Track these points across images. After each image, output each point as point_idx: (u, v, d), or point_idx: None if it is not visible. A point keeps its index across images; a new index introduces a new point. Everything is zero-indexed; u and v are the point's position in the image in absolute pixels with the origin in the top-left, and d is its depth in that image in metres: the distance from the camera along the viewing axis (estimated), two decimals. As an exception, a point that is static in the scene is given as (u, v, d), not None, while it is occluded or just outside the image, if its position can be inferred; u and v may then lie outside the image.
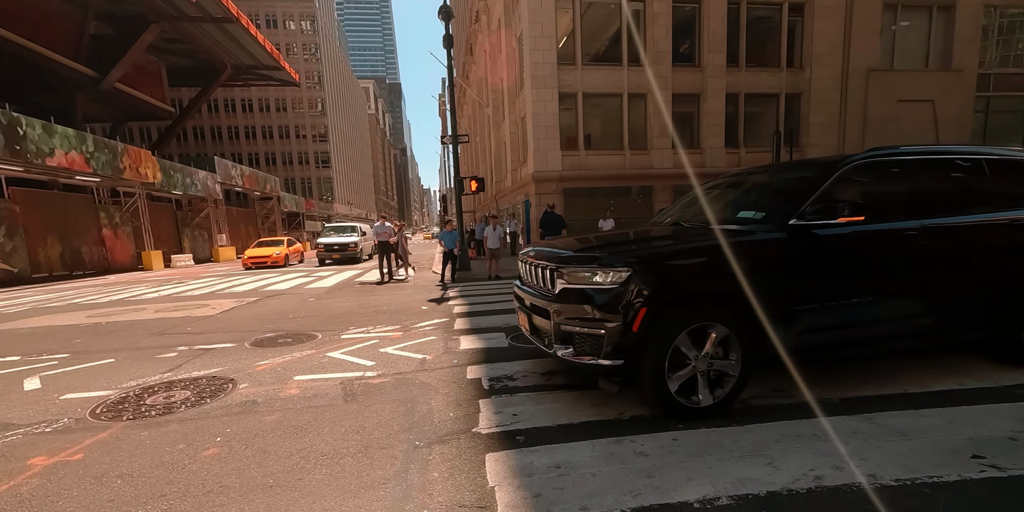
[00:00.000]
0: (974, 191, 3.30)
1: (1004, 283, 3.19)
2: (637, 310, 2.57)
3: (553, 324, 2.90)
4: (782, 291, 2.78)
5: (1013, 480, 2.02)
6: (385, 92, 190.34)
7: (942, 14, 18.43)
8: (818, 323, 2.85)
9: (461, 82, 38.26)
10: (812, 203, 2.83)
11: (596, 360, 2.70)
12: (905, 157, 3.19)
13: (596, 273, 2.74)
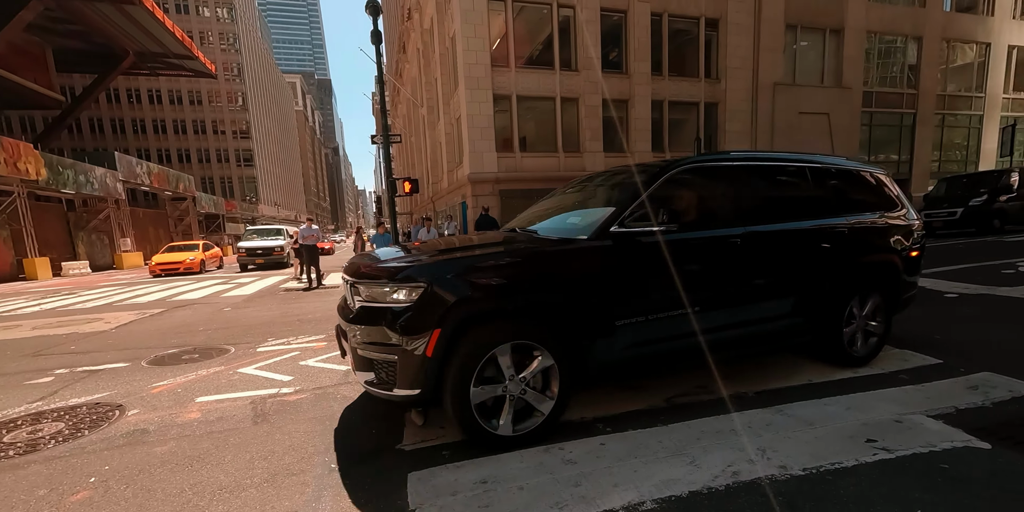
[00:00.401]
0: (798, 198, 3.38)
1: (824, 288, 3.28)
2: (431, 331, 2.26)
3: (351, 348, 2.57)
4: (604, 304, 2.59)
5: (900, 460, 2.20)
6: (314, 88, 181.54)
7: (833, 36, 20.57)
8: (645, 336, 2.70)
9: (394, 81, 37.29)
10: (633, 210, 2.69)
11: (391, 390, 2.39)
12: (731, 163, 3.16)
13: (390, 288, 2.39)
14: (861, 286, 3.42)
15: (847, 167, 3.74)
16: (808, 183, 3.42)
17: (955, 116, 23.50)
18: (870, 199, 3.74)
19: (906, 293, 3.84)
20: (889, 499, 1.92)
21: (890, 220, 3.74)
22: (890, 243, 3.64)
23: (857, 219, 3.50)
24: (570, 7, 17.15)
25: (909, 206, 3.99)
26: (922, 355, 3.61)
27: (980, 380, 3.10)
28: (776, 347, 3.31)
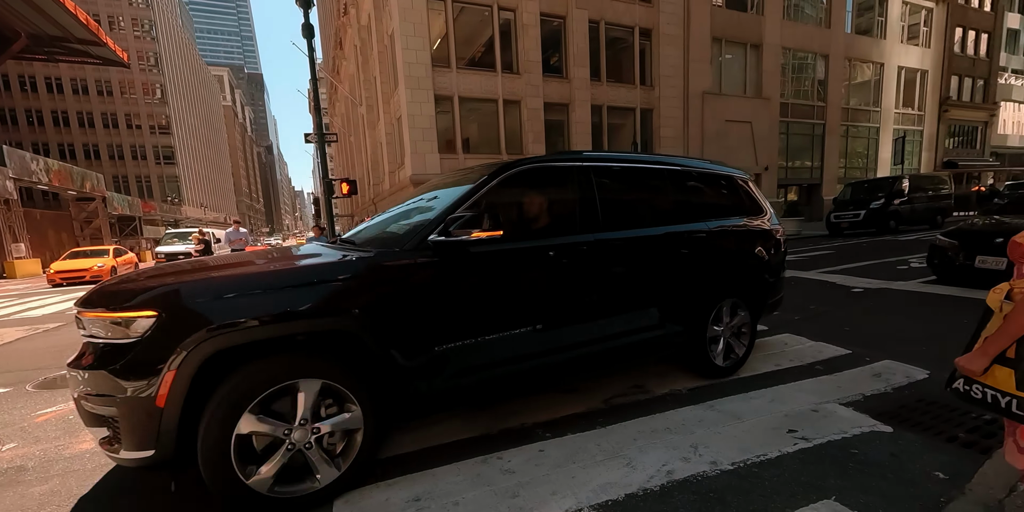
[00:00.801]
0: (655, 203, 3.20)
1: (686, 297, 3.14)
2: (163, 375, 1.74)
3: (76, 399, 1.98)
4: (423, 326, 2.19)
5: (817, 448, 2.34)
6: (244, 82, 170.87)
7: (754, 51, 22.16)
8: (478, 360, 2.36)
9: (331, 78, 35.85)
10: (460, 215, 2.26)
11: (119, 452, 1.84)
12: (580, 164, 2.85)
13: (113, 319, 1.82)
14: (725, 294, 3.33)
15: (709, 171, 3.64)
16: (667, 187, 3.26)
17: (857, 127, 26.07)
18: (733, 204, 3.67)
19: (771, 298, 3.78)
20: (809, 487, 2.02)
21: (753, 226, 3.69)
22: (754, 249, 3.58)
23: (719, 224, 3.41)
24: (511, 10, 17.25)
25: (771, 211, 3.97)
26: (834, 346, 3.90)
27: (882, 368, 3.39)
28: (638, 361, 3.19)
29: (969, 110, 29.98)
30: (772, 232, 3.82)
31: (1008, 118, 34.43)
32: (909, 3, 26.45)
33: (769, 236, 3.77)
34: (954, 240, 6.12)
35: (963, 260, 5.87)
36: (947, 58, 28.23)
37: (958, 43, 28.93)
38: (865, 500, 1.92)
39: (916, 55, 27.26)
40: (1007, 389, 1.42)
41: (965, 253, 5.88)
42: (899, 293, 6.00)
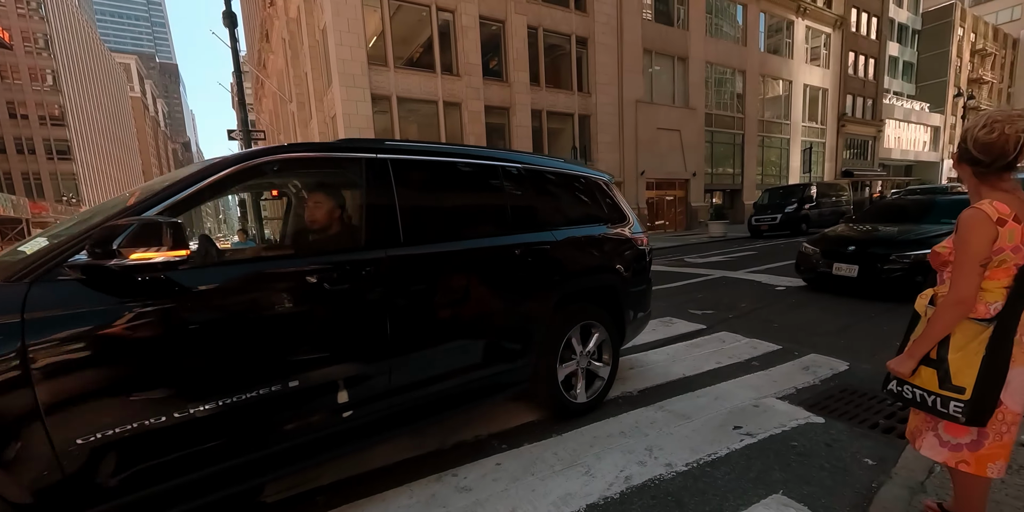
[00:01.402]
0: (486, 208, 2.58)
1: (529, 324, 2.56)
2: None
3: None
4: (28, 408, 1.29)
5: (761, 443, 2.44)
6: (155, 72, 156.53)
7: (681, 63, 23.54)
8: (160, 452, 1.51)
9: (257, 72, 33.68)
10: (140, 229, 1.40)
11: None
12: (367, 156, 2.09)
13: None
14: (578, 317, 2.82)
15: (561, 171, 3.07)
16: (503, 189, 2.62)
17: (771, 138, 28.47)
18: (589, 210, 3.17)
19: (635, 318, 3.35)
20: (758, 483, 2.09)
21: (613, 235, 3.22)
22: (613, 263, 3.13)
23: (569, 235, 2.84)
24: (449, 11, 17.07)
25: (635, 218, 3.53)
26: (766, 342, 4.15)
27: (809, 361, 3.64)
28: (467, 406, 2.37)
29: (861, 126, 33.74)
30: (635, 242, 3.40)
31: (891, 134, 39.11)
32: (811, 28, 29.32)
33: (631, 246, 3.36)
34: (816, 248, 6.25)
35: (823, 267, 5.99)
36: (843, 79, 31.61)
37: (851, 66, 32.48)
38: (808, 491, 2.02)
39: (818, 75, 30.26)
40: (931, 388, 1.52)
41: (825, 261, 6.00)
42: (814, 290, 6.55)
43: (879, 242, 5.73)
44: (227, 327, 1.65)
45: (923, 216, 6.31)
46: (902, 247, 5.38)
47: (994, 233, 1.40)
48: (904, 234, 5.72)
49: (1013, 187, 1.47)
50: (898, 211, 6.87)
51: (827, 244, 6.22)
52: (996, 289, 1.45)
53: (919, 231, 5.68)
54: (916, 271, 5.12)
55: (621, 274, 3.18)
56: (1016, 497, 1.84)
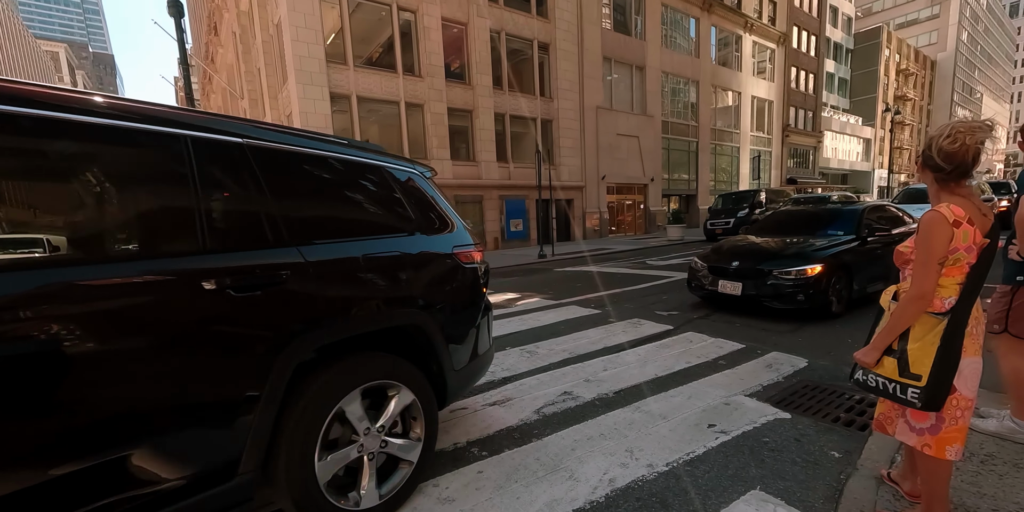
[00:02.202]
0: (189, 208, 1.55)
1: (233, 407, 1.56)
2: None
3: None
4: None
5: (735, 440, 2.51)
6: (88, 63, 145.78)
7: (638, 72, 24.29)
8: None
9: (205, 66, 32.01)
10: None
11: None
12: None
13: None
14: (359, 377, 1.87)
15: (337, 156, 2.09)
16: (196, 180, 1.57)
17: (723, 146, 29.84)
18: (382, 216, 2.22)
19: (465, 365, 2.40)
20: (736, 480, 2.14)
21: (419, 252, 2.26)
22: (423, 292, 2.21)
23: (335, 253, 1.90)
24: (411, 11, 16.84)
25: (461, 225, 2.59)
26: (731, 342, 4.30)
27: (772, 359, 3.80)
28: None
29: (803, 136, 35.98)
30: (458, 259, 2.41)
31: (829, 144, 41.94)
32: (757, 43, 31.03)
33: (452, 267, 2.38)
34: (705, 262, 5.70)
35: (710, 285, 5.50)
36: (786, 92, 33.63)
37: (793, 80, 34.61)
38: (784, 486, 2.08)
39: (764, 87, 32.03)
40: (892, 376, 1.63)
41: (712, 277, 5.49)
42: (770, 291, 6.87)
43: (762, 257, 5.31)
44: None
45: (813, 228, 5.97)
46: (784, 263, 5.00)
47: (951, 233, 1.51)
48: (788, 248, 5.35)
49: (968, 192, 1.60)
50: (792, 221, 6.49)
51: (715, 259, 5.66)
52: (951, 285, 1.57)
53: (803, 245, 5.34)
54: (797, 289, 4.78)
55: (434, 307, 2.23)
56: (971, 483, 1.97)
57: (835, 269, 4.92)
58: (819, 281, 4.77)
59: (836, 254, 5.05)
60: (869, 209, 5.97)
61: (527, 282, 9.14)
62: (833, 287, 4.92)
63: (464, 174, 18.31)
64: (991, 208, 1.65)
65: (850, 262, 5.12)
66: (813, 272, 4.79)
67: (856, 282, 5.20)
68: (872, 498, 1.92)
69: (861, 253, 5.32)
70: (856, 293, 5.25)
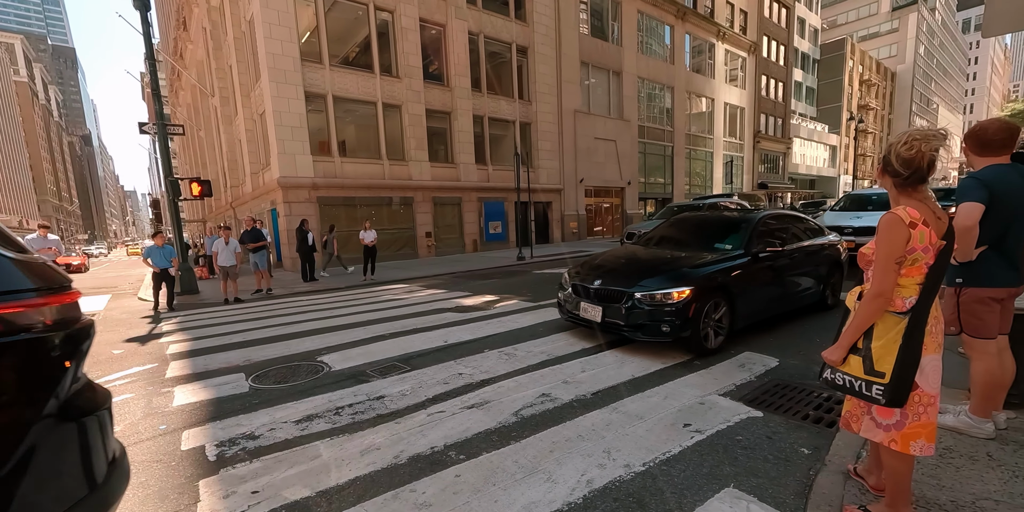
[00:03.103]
0: None
1: None
2: None
3: None
4: None
5: (710, 439, 2.55)
6: (47, 56, 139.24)
7: (615, 77, 24.65)
8: None
9: (173, 62, 31.02)
10: None
11: None
12: None
13: None
14: None
15: None
16: None
17: (697, 151, 30.54)
18: None
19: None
20: (711, 478, 2.17)
21: None
22: None
23: None
24: (388, 11, 16.68)
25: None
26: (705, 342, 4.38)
27: (745, 359, 3.89)
28: None
29: (773, 142, 37.13)
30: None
31: (798, 151, 43.38)
32: (730, 51, 31.90)
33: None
34: (573, 280, 4.72)
35: (572, 308, 4.58)
36: (757, 99, 34.66)
37: (764, 88, 35.71)
38: (756, 482, 2.13)
39: (737, 94, 32.94)
40: (858, 374, 1.68)
41: (574, 299, 4.55)
42: (742, 292, 7.06)
43: (628, 275, 4.29)
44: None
45: (703, 239, 5.01)
46: (648, 284, 4.01)
47: (907, 234, 1.59)
48: (659, 265, 4.36)
49: (925, 196, 1.67)
50: (685, 231, 5.47)
51: (580, 275, 4.68)
52: (911, 285, 1.64)
53: (675, 262, 4.35)
54: (661, 317, 3.82)
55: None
56: (930, 476, 2.05)
57: (710, 293, 3.95)
58: (686, 308, 3.79)
59: (711, 274, 4.05)
60: (765, 219, 4.91)
61: (506, 284, 9.14)
62: (707, 316, 3.96)
63: (442, 176, 18.21)
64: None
65: (733, 284, 4.13)
66: (680, 296, 3.82)
67: (741, 309, 4.21)
68: (839, 493, 1.98)
69: (750, 273, 4.31)
70: (743, 322, 4.29)
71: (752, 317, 4.48)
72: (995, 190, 2.16)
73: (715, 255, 4.42)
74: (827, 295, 5.47)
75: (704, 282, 3.97)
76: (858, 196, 10.09)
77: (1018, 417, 2.53)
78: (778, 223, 5.15)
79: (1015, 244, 2.27)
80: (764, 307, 4.62)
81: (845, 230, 8.42)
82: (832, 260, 5.51)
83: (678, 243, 5.18)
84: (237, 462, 2.51)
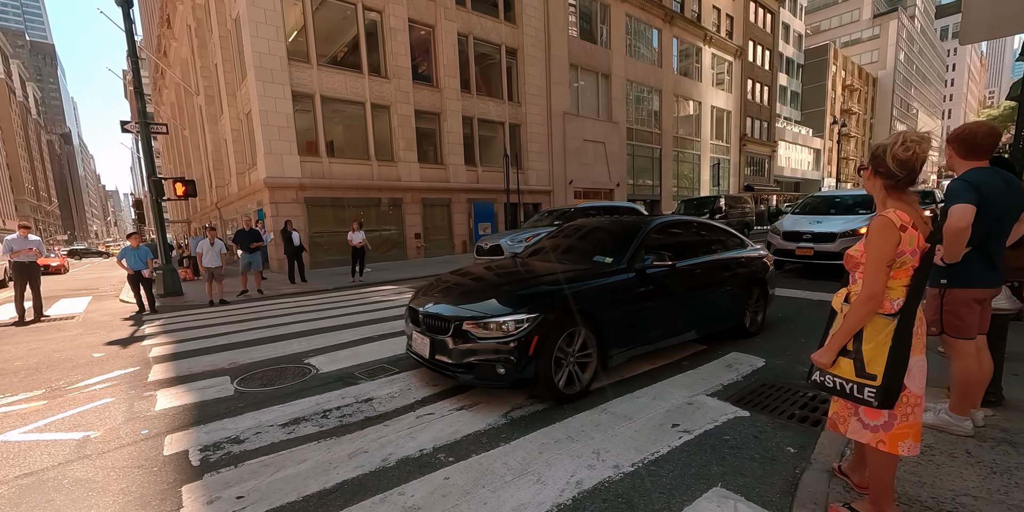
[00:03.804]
0: None
1: None
2: None
3: None
4: None
5: (698, 439, 2.57)
6: (25, 52, 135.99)
7: (604, 79, 24.82)
8: None
9: (157, 60, 30.52)
10: None
11: None
12: None
13: None
14: None
15: None
16: None
17: (684, 153, 30.87)
18: None
19: None
20: (699, 478, 2.19)
21: None
22: None
23: None
24: (377, 11, 16.60)
25: None
26: (694, 342, 4.42)
27: (732, 359, 3.93)
28: None
29: (759, 145, 37.67)
30: None
31: (783, 154, 44.06)
32: (716, 55, 32.32)
33: None
34: (410, 302, 3.78)
35: (409, 339, 3.62)
36: (743, 103, 35.15)
37: (750, 92, 36.24)
38: (743, 482, 2.15)
39: (723, 98, 33.37)
40: (848, 376, 1.69)
41: (409, 330, 3.65)
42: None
43: (467, 295, 3.36)
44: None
45: (586, 250, 4.23)
46: (481, 309, 3.07)
47: (898, 237, 1.60)
48: (503, 284, 3.45)
49: (912, 199, 1.70)
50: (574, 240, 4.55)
51: (418, 297, 3.78)
52: (898, 287, 1.66)
53: (528, 279, 3.47)
54: (494, 354, 2.91)
55: None
56: (912, 473, 2.09)
57: (564, 320, 3.01)
58: (527, 341, 2.87)
59: (567, 295, 3.08)
60: (661, 227, 4.07)
61: (495, 286, 9.10)
62: (562, 350, 3.06)
63: (432, 177, 18.16)
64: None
65: (602, 308, 3.21)
66: (518, 327, 2.89)
67: (614, 339, 3.31)
68: (824, 491, 2.01)
69: (630, 293, 3.43)
70: (620, 355, 3.38)
71: (632, 348, 3.49)
72: (983, 192, 2.19)
73: (585, 270, 3.52)
74: (747, 319, 4.54)
75: (554, 306, 3.00)
76: (822, 198, 9.52)
77: (995, 414, 2.59)
78: (680, 232, 4.37)
79: (996, 246, 2.32)
80: (649, 335, 3.62)
81: (803, 236, 8.09)
82: (753, 277, 4.62)
83: (563, 255, 4.24)
84: (221, 467, 2.47)
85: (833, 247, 7.70)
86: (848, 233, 7.68)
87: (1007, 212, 2.29)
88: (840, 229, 7.78)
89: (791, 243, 8.26)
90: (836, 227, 7.87)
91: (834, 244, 7.71)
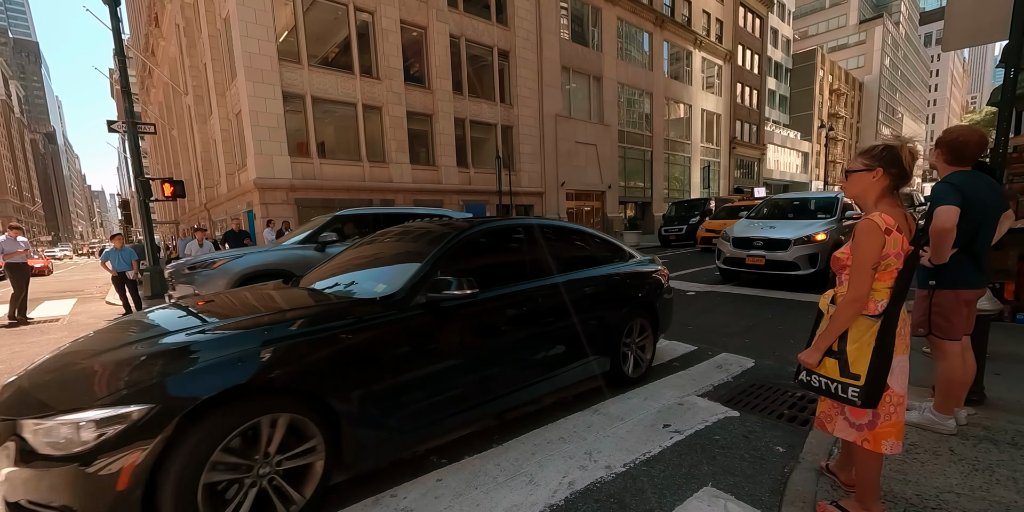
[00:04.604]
0: None
1: None
2: None
3: None
4: None
5: (689, 440, 2.59)
6: (8, 49, 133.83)
7: (596, 82, 24.97)
8: None
9: (145, 59, 30.16)
10: None
11: None
12: None
13: None
14: None
15: None
16: None
17: (675, 156, 31.15)
18: None
19: None
20: (690, 478, 2.21)
21: None
22: None
23: None
24: (368, 12, 16.57)
25: None
26: (684, 344, 4.46)
27: (722, 360, 3.97)
28: None
29: (748, 148, 38.11)
30: None
31: (772, 157, 44.62)
32: (706, 59, 32.67)
33: None
34: None
35: None
36: (733, 106, 35.56)
37: (739, 95, 36.67)
38: (733, 481, 2.18)
39: (713, 101, 33.73)
40: (834, 376, 1.73)
41: None
42: (717, 294, 7.19)
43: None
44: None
45: (368, 275, 2.89)
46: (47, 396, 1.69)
47: (883, 240, 1.63)
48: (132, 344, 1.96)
49: (901, 202, 1.74)
50: (360, 259, 3.21)
51: None
52: (882, 289, 1.69)
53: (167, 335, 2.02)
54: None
55: None
56: (897, 471, 2.13)
57: (236, 411, 1.71)
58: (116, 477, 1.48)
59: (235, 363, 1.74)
60: (470, 238, 2.74)
61: (487, 287, 9.09)
62: (221, 493, 1.70)
63: (424, 178, 18.13)
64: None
65: (335, 376, 1.95)
66: (99, 437, 1.49)
67: (357, 437, 2.02)
68: (813, 489, 2.04)
69: (399, 342, 2.17)
70: (372, 457, 2.12)
71: (404, 442, 2.24)
72: (967, 194, 2.25)
73: (321, 309, 2.23)
74: (625, 360, 3.37)
75: (175, 398, 1.60)
76: (781, 201, 8.96)
77: (977, 413, 2.65)
78: (514, 246, 3.03)
79: (982, 247, 2.38)
80: (445, 409, 2.34)
81: (754, 242, 7.40)
82: (634, 302, 3.44)
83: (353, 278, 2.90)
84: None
85: (787, 255, 6.97)
86: (803, 239, 6.95)
87: (989, 214, 2.35)
88: (795, 235, 7.02)
89: (742, 251, 7.52)
90: (790, 233, 7.11)
91: (787, 252, 6.98)
